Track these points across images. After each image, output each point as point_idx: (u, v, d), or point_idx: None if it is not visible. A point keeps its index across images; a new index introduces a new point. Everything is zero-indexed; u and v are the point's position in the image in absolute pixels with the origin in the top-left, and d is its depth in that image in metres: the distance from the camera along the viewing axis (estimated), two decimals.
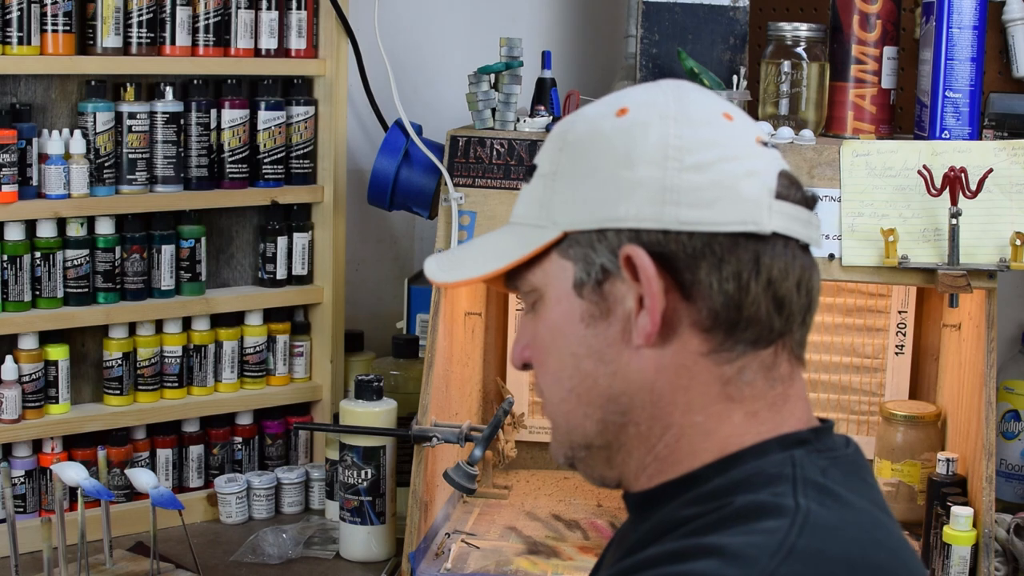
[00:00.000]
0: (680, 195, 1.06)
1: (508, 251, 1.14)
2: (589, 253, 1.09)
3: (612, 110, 1.11)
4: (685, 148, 1.07)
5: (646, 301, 1.06)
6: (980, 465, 1.97)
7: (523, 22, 2.72)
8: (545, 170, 1.13)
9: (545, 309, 1.13)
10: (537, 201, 1.13)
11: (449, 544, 2.12)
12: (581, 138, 1.11)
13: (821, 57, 2.20)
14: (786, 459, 1.06)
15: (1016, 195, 2.04)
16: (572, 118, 1.15)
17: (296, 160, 2.39)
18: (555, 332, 1.12)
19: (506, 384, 2.43)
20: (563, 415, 1.14)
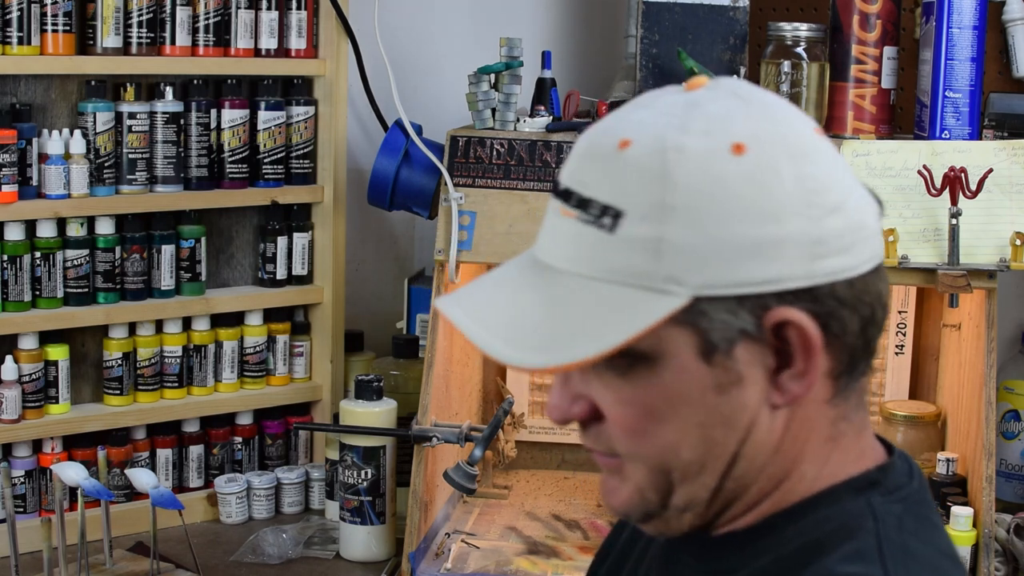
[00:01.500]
0: (828, 245, 0.96)
1: (618, 322, 0.96)
2: (727, 319, 0.96)
3: (722, 145, 0.96)
4: (820, 189, 0.97)
5: (799, 365, 0.98)
6: (980, 465, 1.97)
7: (523, 22, 2.71)
8: (642, 209, 0.95)
9: (656, 376, 0.98)
10: (640, 251, 0.95)
11: (449, 544, 2.12)
12: (696, 182, 0.95)
13: (821, 57, 2.20)
14: (864, 510, 1.02)
15: (1016, 195, 2.04)
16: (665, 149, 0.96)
17: (296, 160, 2.39)
18: (675, 402, 0.99)
19: (506, 384, 2.43)
20: (669, 481, 1.02)
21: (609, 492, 1.06)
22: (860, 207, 1.00)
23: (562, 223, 0.99)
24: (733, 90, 1.00)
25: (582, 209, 0.97)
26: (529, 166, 2.13)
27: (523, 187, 2.12)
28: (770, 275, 0.95)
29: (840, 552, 0.99)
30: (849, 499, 1.02)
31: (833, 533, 1.00)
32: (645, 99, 1.02)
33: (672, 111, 0.98)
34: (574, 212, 0.98)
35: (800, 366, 0.98)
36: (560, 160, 2.12)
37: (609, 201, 0.96)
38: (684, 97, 1.00)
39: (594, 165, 0.99)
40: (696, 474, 1.01)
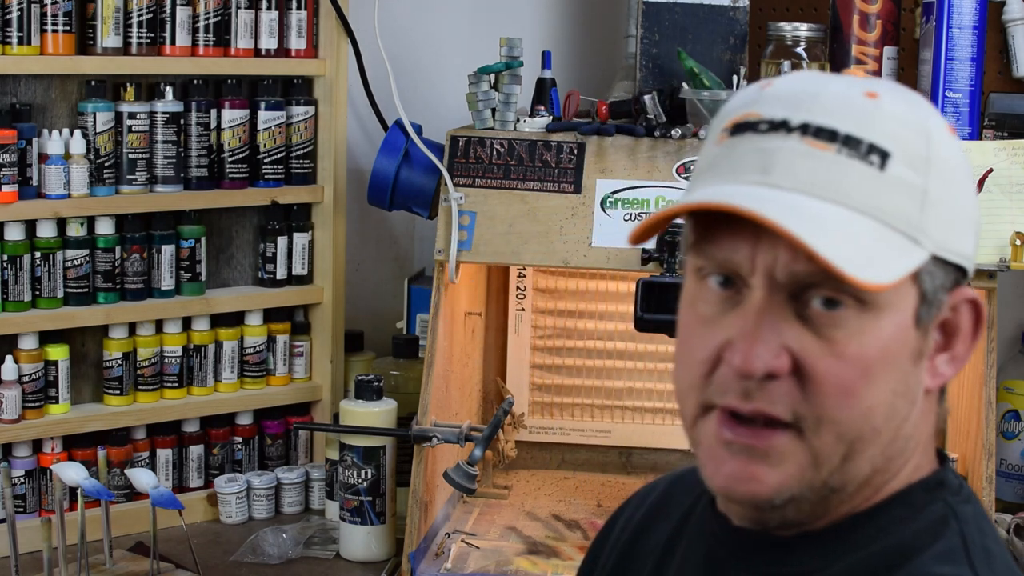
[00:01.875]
0: (976, 233, 1.01)
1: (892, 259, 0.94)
2: (941, 286, 0.97)
3: (947, 129, 1.00)
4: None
5: (959, 348, 0.99)
6: (980, 465, 1.97)
7: (523, 22, 2.71)
8: (908, 160, 0.95)
9: (878, 330, 0.95)
10: (907, 195, 0.95)
11: (449, 544, 2.12)
12: (947, 147, 0.99)
13: (821, 57, 2.20)
14: (945, 511, 1.01)
15: (1016, 195, 2.04)
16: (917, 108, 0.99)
17: (296, 160, 2.39)
18: (888, 361, 0.95)
19: (506, 384, 2.43)
20: (848, 453, 0.96)
21: (749, 479, 0.97)
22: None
23: (812, 157, 0.94)
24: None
25: (848, 146, 0.94)
26: (529, 166, 2.13)
27: (523, 187, 2.12)
28: (970, 251, 0.99)
29: (930, 552, 0.98)
30: (924, 499, 1.01)
31: (919, 534, 0.99)
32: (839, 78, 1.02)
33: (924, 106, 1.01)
34: (832, 147, 0.94)
35: (959, 349, 0.99)
36: (560, 160, 2.12)
37: (875, 142, 0.95)
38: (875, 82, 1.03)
39: (843, 108, 0.96)
40: (874, 446, 0.97)
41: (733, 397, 0.96)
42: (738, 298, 0.96)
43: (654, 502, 1.21)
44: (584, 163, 2.11)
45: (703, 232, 0.98)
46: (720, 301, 0.98)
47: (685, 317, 1.01)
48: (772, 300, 0.95)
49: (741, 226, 0.95)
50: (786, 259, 0.94)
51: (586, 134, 2.12)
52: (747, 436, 0.96)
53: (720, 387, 0.97)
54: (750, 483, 0.96)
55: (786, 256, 0.94)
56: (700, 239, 0.99)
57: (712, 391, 0.97)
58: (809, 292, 0.94)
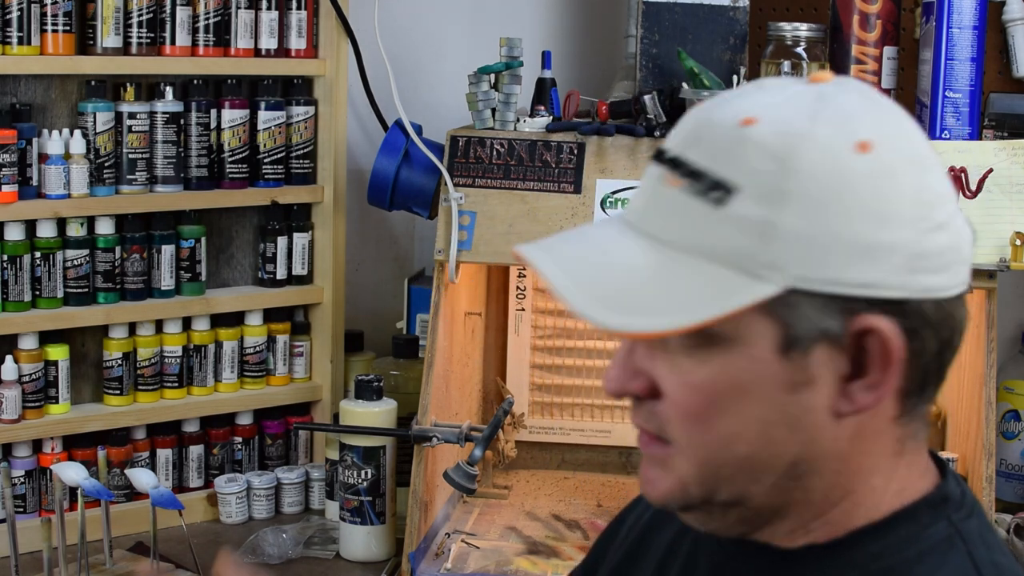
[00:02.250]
0: (928, 261, 0.95)
1: (706, 299, 0.93)
2: (814, 317, 0.94)
3: (848, 141, 0.94)
4: (932, 203, 0.95)
5: (874, 376, 0.96)
6: (980, 465, 1.97)
7: (523, 22, 2.71)
8: (756, 190, 0.93)
9: (729, 363, 0.96)
10: (746, 230, 0.93)
11: (449, 544, 2.12)
12: (819, 172, 0.93)
13: (821, 57, 2.20)
14: (949, 530, 1.00)
15: (1016, 195, 2.04)
16: (790, 132, 0.94)
17: (296, 160, 2.39)
18: (742, 392, 0.96)
19: (506, 384, 2.43)
20: (718, 476, 0.99)
21: (648, 482, 1.02)
22: (962, 229, 0.98)
23: (665, 191, 0.97)
24: (859, 89, 0.99)
25: (692, 180, 0.95)
26: (529, 166, 2.13)
27: (523, 187, 2.12)
28: (868, 279, 0.93)
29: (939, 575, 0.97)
30: (928, 517, 1.01)
31: (923, 554, 0.99)
32: (769, 83, 1.01)
33: (802, 99, 0.97)
34: (682, 182, 0.96)
35: (875, 377, 0.96)
36: (560, 160, 2.12)
37: (724, 176, 0.94)
38: (813, 88, 0.98)
39: (711, 138, 0.96)
40: (747, 472, 0.98)
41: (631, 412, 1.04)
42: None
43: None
44: (584, 163, 2.11)
45: None
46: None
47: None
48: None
49: None
50: None
51: (586, 134, 2.12)
52: (643, 445, 1.02)
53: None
54: (647, 486, 1.03)
55: None
56: None
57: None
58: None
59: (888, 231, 0.93)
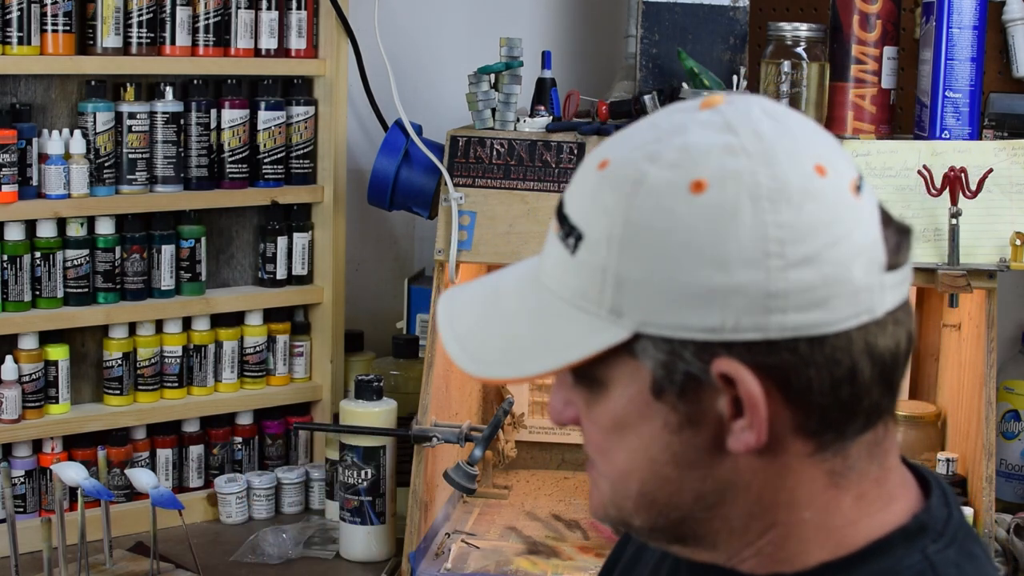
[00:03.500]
0: (788, 299, 0.90)
1: (561, 346, 0.95)
2: (672, 360, 0.92)
3: (683, 181, 0.91)
4: (788, 239, 0.89)
5: (747, 418, 0.92)
6: (980, 465, 1.97)
7: (523, 22, 2.71)
8: (597, 236, 0.93)
9: (608, 401, 0.97)
10: (590, 277, 0.93)
11: (449, 544, 2.12)
12: (649, 218, 0.91)
13: (821, 57, 2.20)
14: (922, 564, 0.97)
15: (1016, 195, 2.04)
16: (628, 178, 0.93)
17: (296, 160, 2.39)
18: (623, 430, 0.97)
19: (506, 384, 2.43)
20: (624, 504, 1.00)
21: (590, 493, 1.06)
22: (846, 259, 0.91)
23: (551, 237, 0.99)
24: (732, 116, 0.93)
25: (561, 226, 0.97)
26: (529, 166, 2.13)
27: (523, 187, 2.12)
28: (713, 323, 0.90)
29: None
30: (902, 550, 0.98)
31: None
32: (658, 114, 0.99)
33: (655, 135, 0.94)
34: (557, 228, 0.97)
35: (748, 419, 0.93)
36: (560, 160, 2.12)
37: (577, 222, 0.95)
38: (678, 118, 0.95)
39: (580, 183, 0.97)
40: (649, 506, 0.98)
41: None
42: None
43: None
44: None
45: None
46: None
47: None
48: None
49: None
50: None
51: (586, 134, 2.12)
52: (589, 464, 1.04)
53: None
54: (590, 496, 1.06)
55: None
56: None
57: None
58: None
59: (724, 273, 0.89)
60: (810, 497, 0.97)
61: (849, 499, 0.98)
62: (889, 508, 0.99)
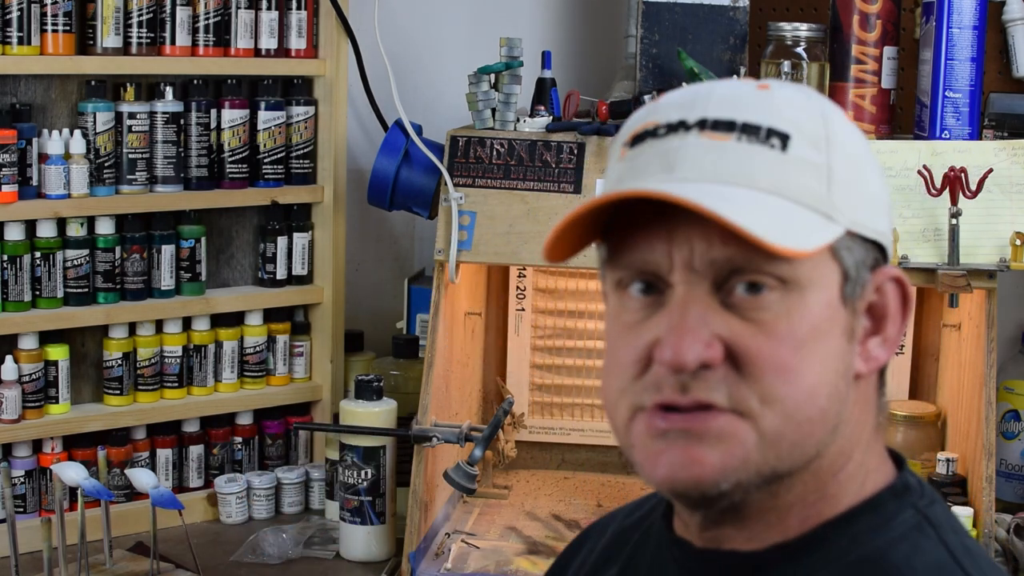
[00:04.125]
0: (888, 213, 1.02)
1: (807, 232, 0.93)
2: (861, 263, 0.97)
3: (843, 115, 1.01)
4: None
5: (890, 331, 0.99)
6: (980, 465, 1.97)
7: (523, 22, 2.71)
8: (809, 141, 0.96)
9: (805, 307, 0.94)
10: (812, 176, 0.95)
11: (449, 544, 2.12)
12: (847, 128, 0.99)
13: (821, 57, 2.20)
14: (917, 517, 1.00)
15: (1016, 195, 2.04)
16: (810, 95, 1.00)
17: (296, 160, 2.39)
18: (820, 337, 0.95)
19: (506, 384, 2.43)
20: (797, 435, 0.94)
21: (690, 463, 0.94)
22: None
23: (718, 147, 0.95)
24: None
25: (747, 133, 0.95)
26: (529, 166, 2.13)
27: (523, 187, 2.12)
28: (883, 227, 0.99)
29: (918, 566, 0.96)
30: (894, 506, 1.00)
31: (894, 542, 0.98)
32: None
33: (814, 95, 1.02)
34: (729, 137, 0.95)
35: (890, 330, 0.98)
36: (560, 160, 2.12)
37: (773, 126, 0.95)
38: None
39: (733, 100, 0.97)
40: (821, 428, 0.95)
41: (669, 391, 0.94)
42: (661, 300, 0.96)
43: (607, 542, 1.18)
44: (584, 163, 2.11)
45: (616, 243, 0.99)
46: (644, 307, 0.97)
47: (611, 330, 1.00)
48: (695, 293, 0.94)
49: (654, 226, 0.95)
50: (703, 248, 0.94)
51: (586, 134, 2.12)
52: (681, 420, 0.94)
53: (653, 384, 0.95)
54: (692, 467, 0.94)
55: (702, 245, 0.94)
56: (613, 251, 0.99)
57: (644, 392, 0.96)
58: (731, 280, 0.94)
59: (885, 186, 1.01)
60: (865, 438, 1.00)
61: (876, 447, 1.02)
62: (885, 465, 1.03)
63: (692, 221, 0.93)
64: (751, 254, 0.92)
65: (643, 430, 0.96)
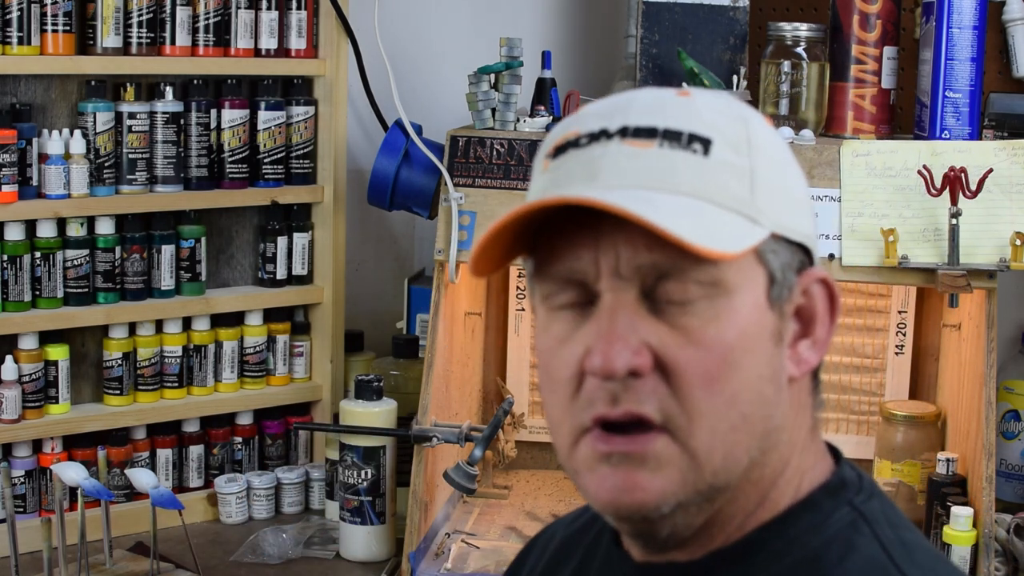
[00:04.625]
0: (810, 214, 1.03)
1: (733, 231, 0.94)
2: (787, 265, 0.97)
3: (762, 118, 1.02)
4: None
5: (819, 332, 0.99)
6: (980, 465, 1.97)
7: (523, 22, 2.71)
8: (731, 144, 0.96)
9: (733, 312, 0.94)
10: (736, 179, 0.95)
11: (449, 544, 2.12)
12: (767, 131, 1.00)
13: (821, 57, 2.20)
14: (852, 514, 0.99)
15: (1016, 195, 2.04)
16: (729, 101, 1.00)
17: (296, 160, 2.39)
18: (747, 344, 0.94)
19: (506, 384, 2.43)
20: (725, 446, 0.94)
21: (632, 488, 0.94)
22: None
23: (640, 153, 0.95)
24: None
25: (669, 139, 0.95)
26: (529, 166, 2.13)
27: (523, 187, 2.12)
28: (807, 230, 0.99)
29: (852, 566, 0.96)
30: (830, 504, 1.00)
31: (829, 542, 0.97)
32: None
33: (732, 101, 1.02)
34: (653, 143, 0.95)
35: (820, 332, 0.98)
36: None
37: (695, 131, 0.95)
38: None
39: (662, 108, 0.97)
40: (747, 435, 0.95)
41: (601, 405, 0.94)
42: (590, 309, 0.96)
43: (555, 549, 1.18)
44: None
45: (543, 255, 0.98)
46: (573, 319, 0.96)
47: (543, 346, 0.99)
48: (623, 300, 0.94)
49: (580, 235, 0.95)
50: (628, 254, 0.94)
51: None
52: (623, 444, 0.94)
53: (587, 400, 0.95)
54: (634, 492, 0.94)
55: (628, 251, 0.94)
56: (540, 263, 0.98)
57: (581, 409, 0.95)
58: (658, 287, 0.94)
59: (806, 188, 1.02)
60: (801, 441, 1.00)
61: (812, 447, 1.02)
62: (821, 463, 1.03)
63: (617, 228, 0.93)
64: (677, 258, 0.92)
65: (588, 454, 0.96)
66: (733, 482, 0.96)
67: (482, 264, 0.98)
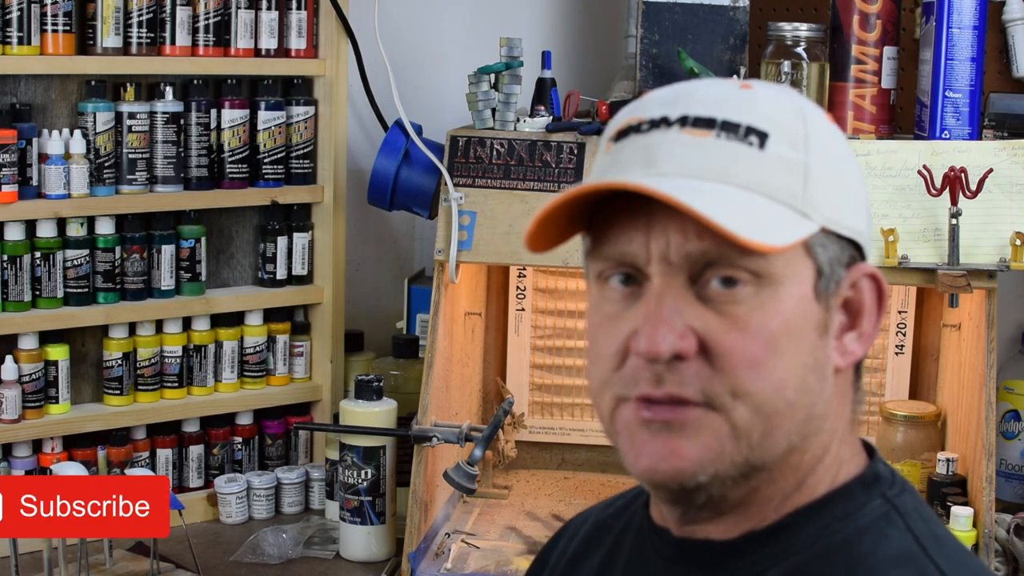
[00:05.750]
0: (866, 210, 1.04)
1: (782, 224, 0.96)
2: (836, 260, 0.99)
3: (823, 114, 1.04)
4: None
5: (866, 326, 1.01)
6: (980, 465, 1.97)
7: (523, 22, 2.71)
8: (787, 139, 0.98)
9: (779, 302, 0.96)
10: (789, 173, 0.97)
11: (449, 544, 2.12)
12: (825, 128, 1.02)
13: (821, 57, 2.20)
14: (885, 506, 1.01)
15: (1016, 195, 2.04)
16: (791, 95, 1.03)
17: (296, 160, 2.39)
18: (791, 333, 0.97)
19: (506, 384, 2.43)
20: (765, 426, 0.97)
21: (670, 454, 0.97)
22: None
23: (693, 144, 0.97)
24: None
25: (727, 130, 0.97)
26: (529, 166, 2.13)
27: (523, 187, 2.12)
28: (861, 226, 1.01)
29: (884, 555, 0.97)
30: (863, 495, 1.02)
31: (861, 531, 0.99)
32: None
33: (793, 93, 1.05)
34: (711, 133, 0.97)
35: (866, 326, 1.01)
36: (560, 160, 2.12)
37: (752, 124, 0.98)
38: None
39: (716, 99, 1.00)
40: (790, 421, 0.97)
41: (645, 384, 0.97)
42: (639, 291, 0.98)
43: (587, 532, 1.20)
44: (584, 163, 2.11)
45: (598, 235, 1.01)
46: (623, 299, 0.99)
47: (592, 321, 1.02)
48: (671, 285, 0.97)
49: (634, 219, 0.98)
50: (678, 241, 0.96)
51: (586, 134, 2.12)
52: (663, 412, 0.97)
53: (631, 378, 0.98)
54: (671, 458, 0.97)
55: (678, 238, 0.96)
56: (595, 243, 1.01)
57: (623, 384, 0.98)
58: (706, 273, 0.96)
59: (863, 185, 1.04)
60: (845, 431, 1.03)
61: (850, 439, 1.04)
62: (857, 456, 1.05)
63: (669, 215, 0.95)
64: (725, 248, 0.94)
65: (629, 418, 0.99)
66: (769, 462, 0.98)
67: (538, 240, 1.01)
